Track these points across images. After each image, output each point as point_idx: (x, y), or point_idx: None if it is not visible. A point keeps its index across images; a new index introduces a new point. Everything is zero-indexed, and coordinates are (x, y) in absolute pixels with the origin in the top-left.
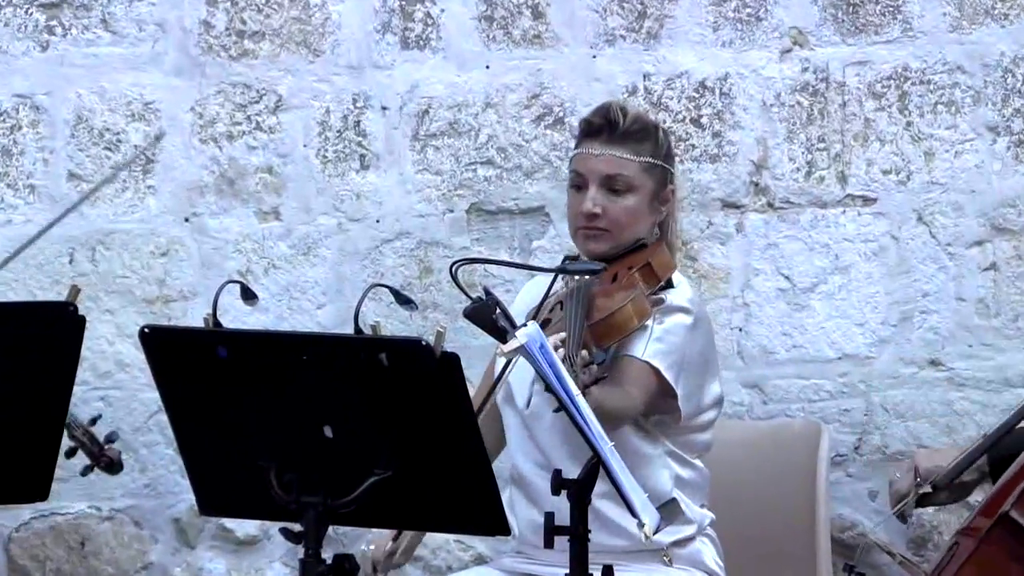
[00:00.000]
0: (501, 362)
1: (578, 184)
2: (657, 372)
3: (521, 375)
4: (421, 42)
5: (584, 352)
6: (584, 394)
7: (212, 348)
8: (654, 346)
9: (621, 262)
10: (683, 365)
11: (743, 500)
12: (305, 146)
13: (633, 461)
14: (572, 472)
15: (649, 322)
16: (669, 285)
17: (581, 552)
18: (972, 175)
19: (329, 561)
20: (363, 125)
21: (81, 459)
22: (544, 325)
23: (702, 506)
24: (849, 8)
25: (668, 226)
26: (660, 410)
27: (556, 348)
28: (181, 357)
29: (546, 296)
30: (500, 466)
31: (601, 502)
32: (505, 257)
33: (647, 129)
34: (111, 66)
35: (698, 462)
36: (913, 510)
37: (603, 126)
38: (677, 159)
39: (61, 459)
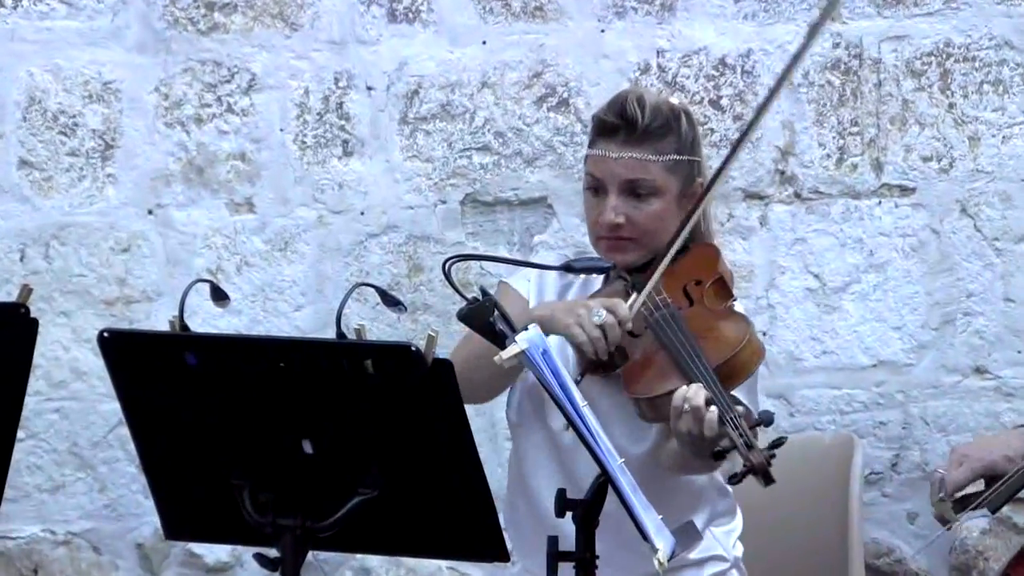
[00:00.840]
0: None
1: (595, 187)
2: None
3: None
4: (410, 15)
5: (740, 408)
6: (768, 474)
7: (179, 354)
8: None
9: (675, 271)
10: (750, 382)
11: (767, 522)
12: (282, 130)
13: (677, 499)
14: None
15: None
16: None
17: None
18: (1021, 162)
19: None
20: (346, 107)
21: None
22: (622, 358)
23: (733, 543)
24: None
25: (700, 221)
26: None
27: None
28: (144, 364)
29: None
30: (497, 486)
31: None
32: (504, 253)
33: (668, 123)
34: (67, 41)
35: (729, 487)
36: (958, 515)
37: (619, 126)
38: None
39: (12, 477)
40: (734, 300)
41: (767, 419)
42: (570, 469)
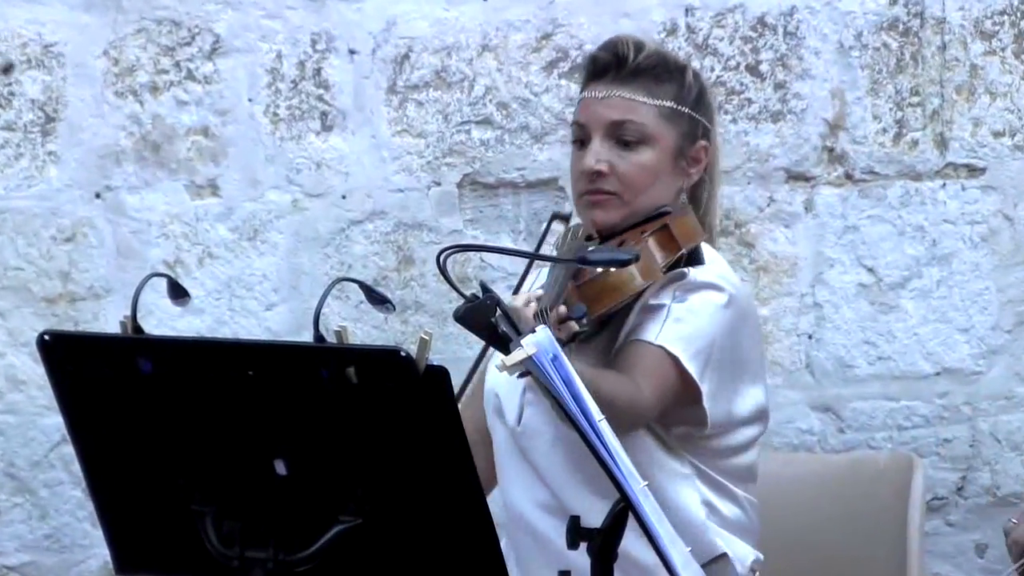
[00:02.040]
0: (495, 376)
1: (580, 138)
2: (675, 361)
3: (510, 380)
4: None
5: (562, 308)
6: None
7: (131, 360)
8: (672, 328)
9: (633, 231)
10: (711, 355)
11: (813, 553)
12: (250, 101)
13: (652, 473)
14: (585, 509)
15: (667, 300)
16: (698, 262)
17: None
18: None
19: None
20: (325, 74)
21: None
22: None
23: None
24: None
25: (704, 196)
26: (682, 416)
27: (527, 304)
28: (91, 372)
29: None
30: (498, 509)
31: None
32: (507, 243)
33: (667, 66)
34: None
35: (740, 491)
36: None
37: (609, 62)
38: (728, 117)
39: None
40: (680, 251)
41: (578, 312)
42: (535, 466)
